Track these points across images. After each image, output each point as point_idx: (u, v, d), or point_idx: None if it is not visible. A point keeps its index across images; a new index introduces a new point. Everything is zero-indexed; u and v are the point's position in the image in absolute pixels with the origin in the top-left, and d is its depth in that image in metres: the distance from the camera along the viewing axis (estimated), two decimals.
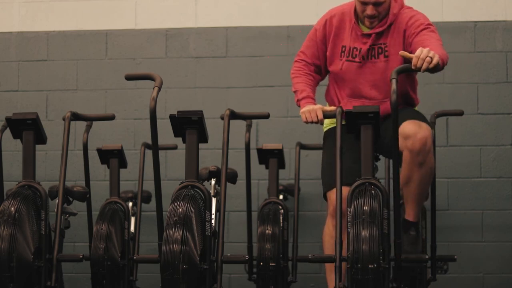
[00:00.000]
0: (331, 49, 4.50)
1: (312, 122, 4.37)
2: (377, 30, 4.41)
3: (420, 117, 4.39)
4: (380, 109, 4.19)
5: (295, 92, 4.52)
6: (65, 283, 5.24)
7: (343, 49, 4.48)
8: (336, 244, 4.01)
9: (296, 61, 4.60)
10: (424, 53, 3.98)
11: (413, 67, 4.00)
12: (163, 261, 3.84)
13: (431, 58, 3.97)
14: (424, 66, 3.97)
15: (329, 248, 4.39)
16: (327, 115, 4.32)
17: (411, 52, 4.14)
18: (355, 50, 4.43)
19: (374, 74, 4.43)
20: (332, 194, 4.36)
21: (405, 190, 4.33)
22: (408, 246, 4.36)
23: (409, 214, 4.38)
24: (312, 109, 4.35)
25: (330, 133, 4.52)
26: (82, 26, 6.09)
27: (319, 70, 4.57)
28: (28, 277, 4.14)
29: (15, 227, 4.09)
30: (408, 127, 4.21)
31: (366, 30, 4.43)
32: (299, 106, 4.48)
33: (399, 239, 4.05)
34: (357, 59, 4.42)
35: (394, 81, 3.90)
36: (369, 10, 4.36)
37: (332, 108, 4.37)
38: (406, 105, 4.50)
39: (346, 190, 4.11)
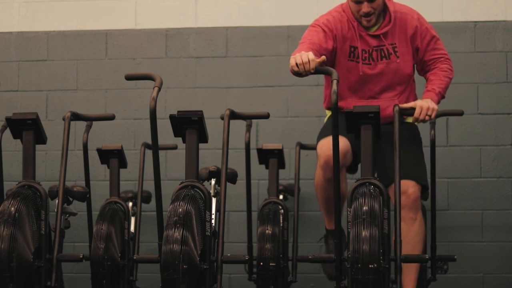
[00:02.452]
0: (340, 46, 4.42)
1: (301, 72, 4.03)
2: (383, 31, 4.42)
3: (416, 166, 4.40)
4: (387, 111, 4.21)
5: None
6: (65, 283, 5.24)
7: (352, 49, 4.44)
8: (336, 244, 4.01)
9: (300, 43, 4.33)
10: (423, 112, 4.29)
11: (413, 120, 4.34)
12: (163, 261, 3.84)
13: (430, 116, 4.32)
14: (422, 119, 4.31)
15: (321, 197, 4.44)
16: (319, 70, 4.03)
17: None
18: (364, 52, 4.42)
19: (385, 74, 4.44)
20: (324, 143, 4.33)
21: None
22: None
23: (408, 285, 4.35)
24: (305, 54, 4.04)
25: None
26: (82, 26, 6.09)
27: (324, 49, 4.33)
28: (28, 277, 4.14)
29: (15, 227, 4.09)
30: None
31: (372, 31, 4.43)
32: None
33: (399, 238, 4.05)
34: (367, 61, 4.42)
35: (397, 116, 4.10)
36: (365, 7, 4.35)
37: (323, 58, 4.08)
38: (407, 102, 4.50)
39: (342, 139, 4.14)
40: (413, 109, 4.30)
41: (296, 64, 4.04)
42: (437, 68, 4.50)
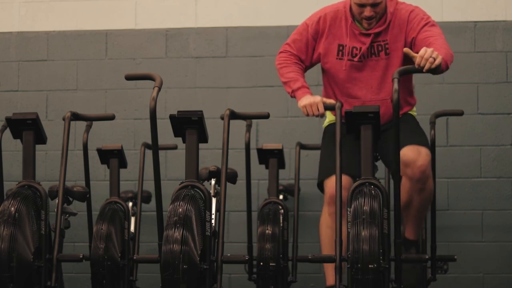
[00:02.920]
0: (325, 46, 4.47)
1: (313, 116, 4.33)
2: (377, 30, 4.41)
3: (420, 137, 4.40)
4: (381, 110, 4.20)
5: (286, 82, 4.44)
6: (65, 283, 5.24)
7: (341, 47, 4.45)
8: (336, 244, 4.01)
9: (281, 51, 4.53)
10: (428, 53, 4.02)
11: (416, 66, 4.04)
12: (163, 261, 3.84)
13: (434, 59, 4.01)
14: (427, 66, 4.01)
15: (326, 239, 4.42)
16: (327, 107, 4.29)
17: (416, 52, 4.15)
18: (354, 49, 4.42)
19: (375, 72, 4.43)
20: (329, 182, 4.37)
21: (404, 213, 4.35)
22: (408, 265, 4.39)
23: (410, 233, 4.45)
24: (313, 102, 4.29)
25: (330, 128, 4.53)
26: (82, 26, 6.09)
27: (303, 64, 4.51)
28: (28, 277, 4.14)
29: (15, 227, 4.09)
30: (407, 155, 4.24)
31: (365, 29, 4.43)
32: (293, 97, 4.42)
33: (399, 239, 4.05)
34: (356, 59, 4.41)
35: (396, 81, 3.91)
36: (367, 11, 4.34)
37: (331, 100, 4.33)
38: (405, 105, 4.51)
39: (344, 178, 4.16)
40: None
41: (308, 114, 4.30)
42: (433, 43, 4.24)
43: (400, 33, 4.40)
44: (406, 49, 4.13)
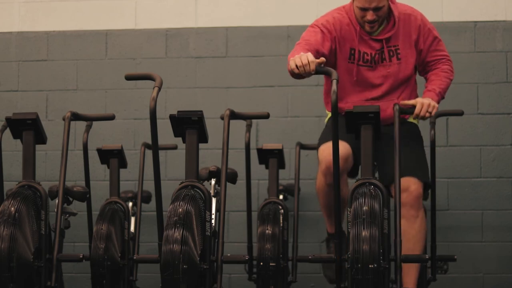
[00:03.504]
0: (339, 47, 4.42)
1: (301, 73, 4.00)
2: (387, 35, 4.41)
3: (418, 164, 4.39)
4: (387, 112, 4.23)
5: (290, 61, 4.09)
6: (65, 283, 5.24)
7: (352, 52, 4.43)
8: (336, 244, 4.01)
9: (296, 44, 4.33)
10: (424, 109, 4.29)
11: (414, 116, 4.32)
12: (163, 261, 3.84)
13: (430, 113, 4.31)
14: (423, 115, 4.31)
15: (323, 201, 4.45)
16: (320, 71, 4.01)
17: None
18: (365, 55, 4.41)
19: (387, 77, 4.44)
20: (326, 149, 4.31)
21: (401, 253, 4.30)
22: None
23: (408, 282, 4.34)
24: (305, 57, 3.99)
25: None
26: (82, 26, 6.08)
27: (318, 54, 4.31)
28: (28, 277, 4.14)
29: (15, 227, 4.09)
30: (402, 183, 4.22)
31: (375, 35, 4.42)
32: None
33: (399, 238, 4.05)
34: (368, 64, 4.41)
35: (396, 114, 4.08)
36: (369, 15, 4.34)
37: (323, 59, 4.06)
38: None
39: (342, 144, 4.16)
40: (413, 107, 4.30)
41: (296, 66, 4.00)
42: (438, 69, 4.51)
43: (410, 39, 4.44)
44: (402, 102, 4.35)
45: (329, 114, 4.64)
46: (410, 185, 4.30)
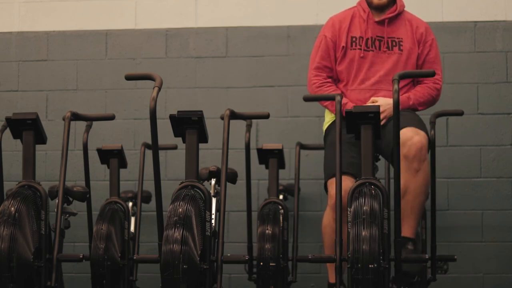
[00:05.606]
0: (345, 41, 4.66)
1: None
2: (389, 16, 4.60)
3: (419, 124, 4.44)
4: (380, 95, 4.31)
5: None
6: (65, 283, 5.24)
7: (354, 39, 4.64)
8: (336, 244, 4.01)
9: (314, 68, 4.69)
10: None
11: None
12: (163, 261, 3.84)
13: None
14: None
15: (329, 242, 4.43)
16: None
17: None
18: (370, 40, 4.61)
19: (386, 64, 4.59)
20: (332, 184, 4.38)
21: (401, 205, 4.33)
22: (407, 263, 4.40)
23: (406, 231, 4.39)
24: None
25: (332, 127, 4.57)
26: (82, 26, 6.09)
27: (333, 72, 4.72)
28: (28, 277, 4.14)
29: (15, 227, 4.09)
30: (404, 134, 4.27)
31: (379, 18, 4.61)
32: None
33: (399, 238, 4.05)
34: (367, 47, 4.60)
35: (396, 82, 3.93)
36: None
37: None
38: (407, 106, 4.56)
39: (346, 179, 4.20)
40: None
41: None
42: (425, 84, 4.64)
43: (413, 38, 4.63)
44: (372, 99, 4.55)
45: (327, 118, 4.70)
46: (413, 135, 4.33)
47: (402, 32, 4.64)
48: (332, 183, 4.40)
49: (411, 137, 4.31)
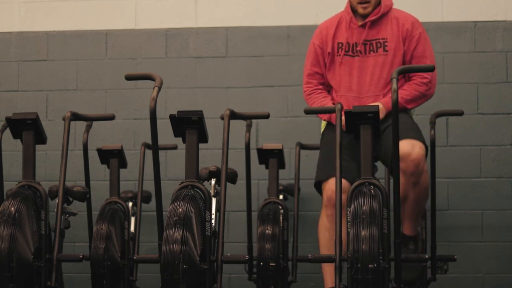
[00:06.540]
0: (332, 48, 4.65)
1: None
2: (372, 18, 4.56)
3: (415, 133, 4.45)
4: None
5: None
6: (65, 283, 5.24)
7: (340, 45, 4.61)
8: (336, 244, 4.01)
9: (308, 75, 4.74)
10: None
11: None
12: (163, 261, 3.84)
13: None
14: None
15: (324, 242, 4.46)
16: None
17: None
18: (354, 45, 4.58)
19: (373, 67, 4.56)
20: (327, 185, 4.44)
21: (401, 208, 4.35)
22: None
23: (407, 229, 4.48)
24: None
25: (326, 130, 4.59)
26: (82, 26, 6.09)
27: (324, 78, 4.73)
28: (28, 277, 4.14)
29: (15, 227, 4.08)
30: (401, 148, 4.25)
31: (361, 22, 4.59)
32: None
33: (399, 238, 4.05)
34: (353, 53, 4.58)
35: (394, 80, 3.91)
36: None
37: None
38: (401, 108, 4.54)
39: (343, 182, 4.22)
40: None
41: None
42: (412, 81, 4.61)
43: (398, 35, 4.58)
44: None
45: (324, 124, 4.73)
46: (411, 151, 4.34)
47: (387, 32, 4.60)
48: (326, 185, 4.48)
49: (408, 153, 4.33)
